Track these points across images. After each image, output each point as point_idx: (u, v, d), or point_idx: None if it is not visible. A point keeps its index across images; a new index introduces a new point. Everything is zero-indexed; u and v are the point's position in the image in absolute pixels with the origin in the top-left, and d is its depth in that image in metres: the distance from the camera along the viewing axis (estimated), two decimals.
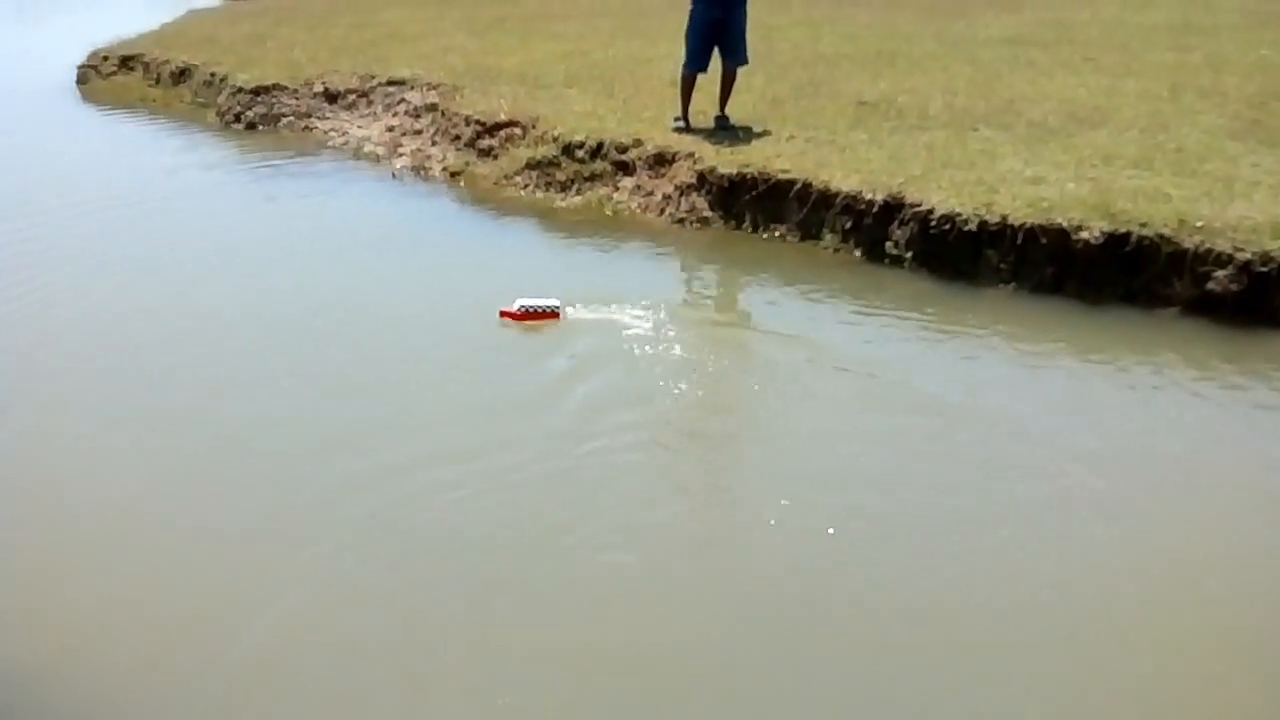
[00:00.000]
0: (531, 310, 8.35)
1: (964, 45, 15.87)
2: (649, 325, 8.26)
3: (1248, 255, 8.17)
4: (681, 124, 12.01)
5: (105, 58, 19.71)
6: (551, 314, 8.39)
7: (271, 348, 8.32)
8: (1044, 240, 8.82)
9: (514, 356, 7.97)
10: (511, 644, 5.13)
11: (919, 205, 9.47)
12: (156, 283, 9.64)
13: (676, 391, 7.45)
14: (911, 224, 9.46)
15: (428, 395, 7.48)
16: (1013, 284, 8.90)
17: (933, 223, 9.32)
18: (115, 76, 19.27)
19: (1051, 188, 9.35)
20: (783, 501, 6.07)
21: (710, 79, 11.99)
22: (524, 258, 10.45)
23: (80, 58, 20.09)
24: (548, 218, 11.44)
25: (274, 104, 15.85)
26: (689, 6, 11.73)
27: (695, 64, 11.83)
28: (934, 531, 5.86)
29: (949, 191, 9.52)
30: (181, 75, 17.97)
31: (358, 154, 14.17)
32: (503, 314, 8.34)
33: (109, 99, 18.47)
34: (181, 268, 10.02)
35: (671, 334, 8.35)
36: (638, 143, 11.77)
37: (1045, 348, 7.98)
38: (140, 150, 15.17)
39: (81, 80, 19.70)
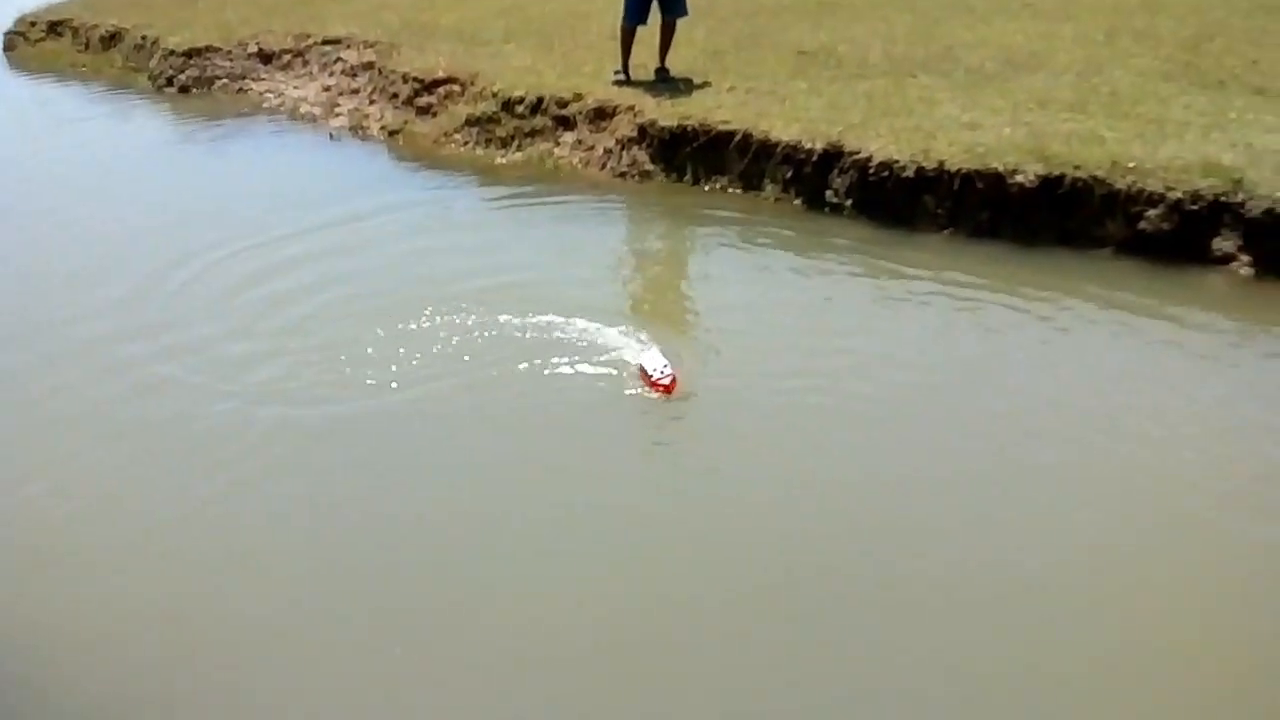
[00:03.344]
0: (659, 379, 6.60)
1: None
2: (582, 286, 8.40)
3: (1178, 194, 8.30)
4: (622, 77, 11.93)
5: (33, 24, 19.20)
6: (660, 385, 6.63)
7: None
8: (980, 185, 8.90)
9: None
10: None
11: (858, 153, 9.51)
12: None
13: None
14: (851, 172, 9.50)
15: None
16: (949, 229, 8.97)
17: (871, 170, 9.36)
18: (44, 43, 18.79)
19: (988, 133, 9.41)
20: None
21: (650, 31, 11.89)
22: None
23: (6, 24, 19.54)
24: (488, 174, 11.36)
25: (207, 66, 15.54)
26: None
27: (634, 17, 11.73)
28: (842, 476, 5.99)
29: (887, 139, 9.56)
30: (112, 40, 17.55)
31: (294, 115, 13.96)
32: (669, 388, 6.56)
33: (37, 66, 18.03)
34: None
35: (608, 291, 8.52)
36: (578, 97, 11.68)
37: (979, 290, 8.07)
38: (64, 114, 14.85)
39: (8, 48, 19.20)
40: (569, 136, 11.54)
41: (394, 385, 6.99)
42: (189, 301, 8.48)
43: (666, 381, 6.54)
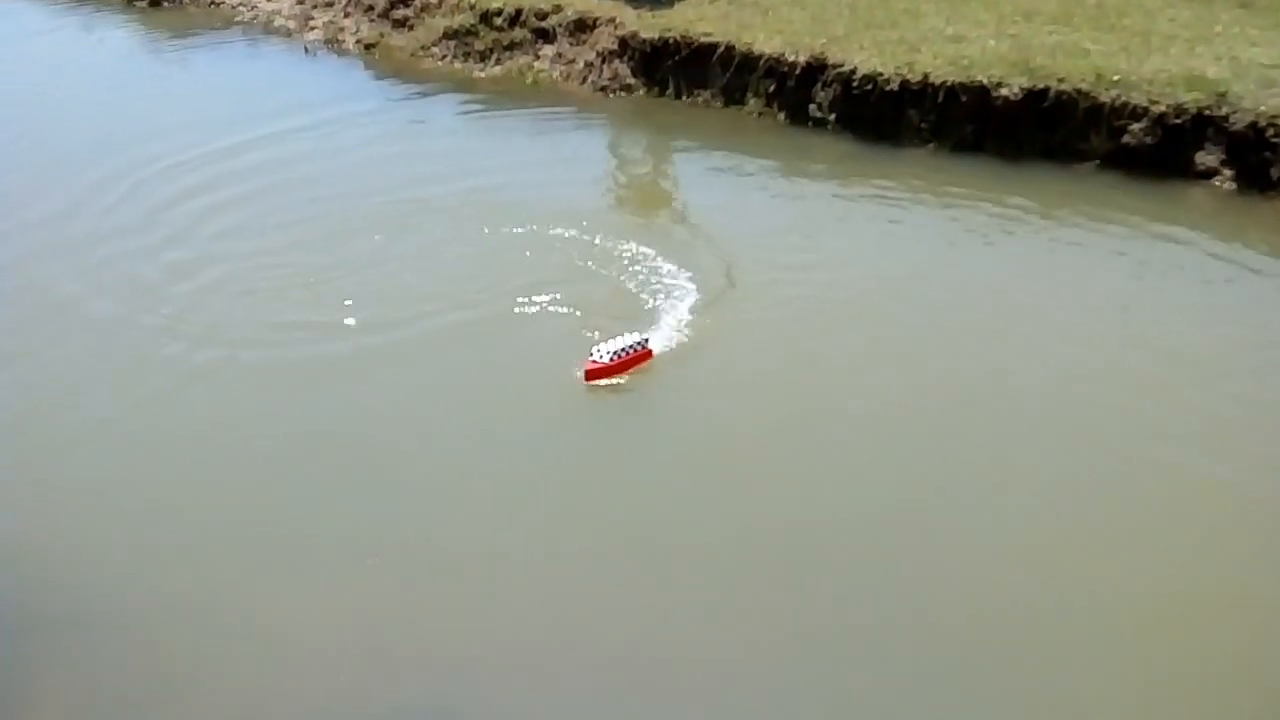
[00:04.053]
0: (624, 354, 6.49)
1: None
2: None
3: (1162, 108, 8.30)
4: None
5: None
6: (643, 352, 6.60)
7: None
8: (964, 98, 8.86)
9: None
10: None
11: (841, 66, 9.41)
12: None
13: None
14: (834, 85, 9.42)
15: None
16: (933, 143, 8.95)
17: (855, 84, 9.28)
18: None
19: (973, 45, 9.33)
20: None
21: None
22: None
23: None
24: (467, 88, 11.21)
25: None
26: None
27: None
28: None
29: (871, 51, 9.47)
30: None
31: (268, 28, 13.65)
32: (590, 374, 6.43)
33: None
34: None
35: (590, 204, 8.56)
36: (557, 9, 11.49)
37: (964, 205, 8.08)
38: (28, 26, 14.48)
39: None
40: (549, 50, 11.38)
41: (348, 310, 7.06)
42: (136, 210, 8.65)
43: (584, 369, 6.36)
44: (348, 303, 7.08)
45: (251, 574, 5.19)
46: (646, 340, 6.47)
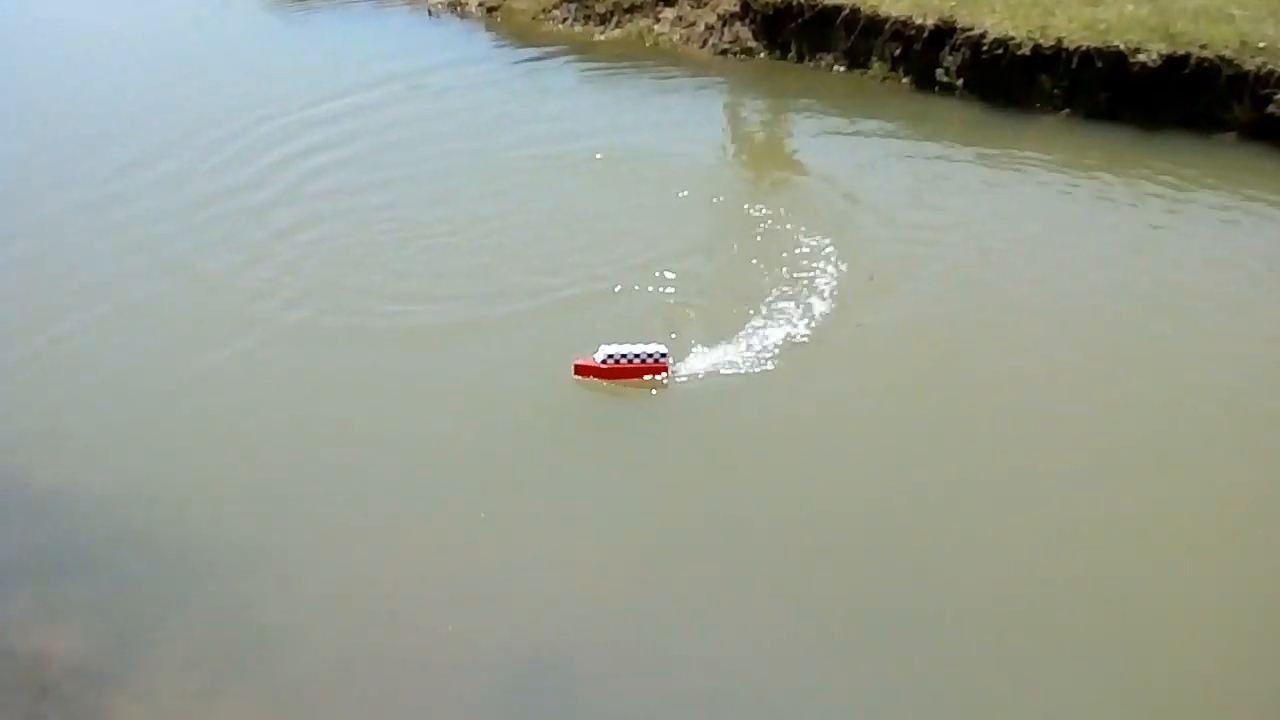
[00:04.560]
0: (624, 360, 6.05)
1: None
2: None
3: None
4: None
5: None
6: (655, 365, 6.11)
7: None
8: (1100, 64, 8.62)
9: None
10: None
11: (971, 29, 9.22)
12: None
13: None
14: (963, 49, 9.23)
15: None
16: (1066, 110, 8.74)
17: (985, 48, 9.09)
18: None
19: (1109, 8, 9.04)
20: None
21: None
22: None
23: None
24: (587, 51, 11.24)
25: None
26: None
27: None
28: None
29: (1003, 14, 9.25)
30: None
31: None
32: (579, 369, 6.08)
33: None
34: None
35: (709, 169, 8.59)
36: None
37: (1096, 174, 7.90)
38: None
39: None
40: (669, 12, 11.34)
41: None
42: (238, 157, 8.89)
43: (579, 362, 6.08)
44: (440, 272, 7.13)
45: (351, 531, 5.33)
46: (664, 355, 6.00)
